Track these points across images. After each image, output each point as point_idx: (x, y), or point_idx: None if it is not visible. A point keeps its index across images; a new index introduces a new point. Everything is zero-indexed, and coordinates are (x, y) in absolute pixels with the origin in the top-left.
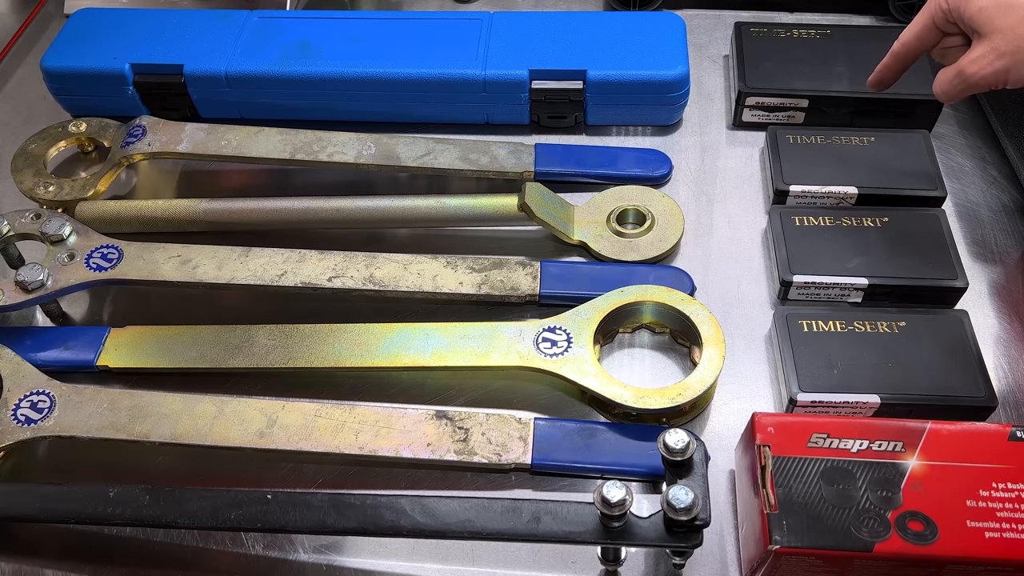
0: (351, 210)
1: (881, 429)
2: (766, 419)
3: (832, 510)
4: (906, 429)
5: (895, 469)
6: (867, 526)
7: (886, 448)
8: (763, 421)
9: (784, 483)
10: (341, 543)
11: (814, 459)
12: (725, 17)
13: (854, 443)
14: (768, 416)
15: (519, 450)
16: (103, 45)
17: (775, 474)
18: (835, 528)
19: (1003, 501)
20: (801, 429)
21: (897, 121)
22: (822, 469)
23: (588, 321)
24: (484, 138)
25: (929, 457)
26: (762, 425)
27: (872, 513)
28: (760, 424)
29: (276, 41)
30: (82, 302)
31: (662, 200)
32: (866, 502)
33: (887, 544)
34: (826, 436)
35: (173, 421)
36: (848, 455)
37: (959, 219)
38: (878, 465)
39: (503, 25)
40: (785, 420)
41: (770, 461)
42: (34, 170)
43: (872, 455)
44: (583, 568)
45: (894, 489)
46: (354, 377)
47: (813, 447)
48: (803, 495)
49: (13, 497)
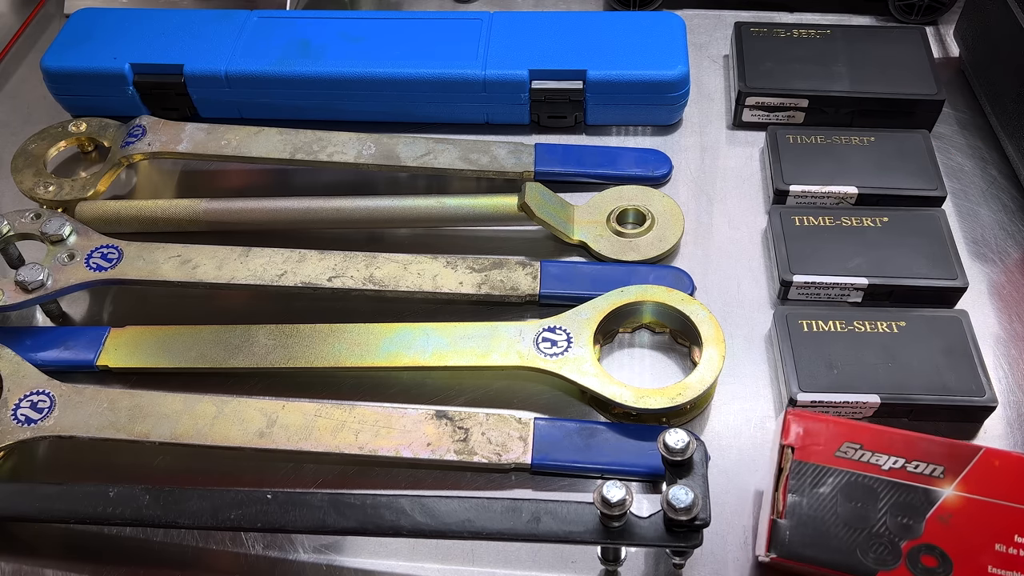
0: (351, 210)
1: (924, 447)
2: (798, 419)
3: (843, 528)
4: (954, 451)
5: (925, 496)
6: (875, 552)
7: (922, 471)
8: (794, 421)
9: (799, 490)
10: (341, 543)
11: (838, 471)
12: (725, 17)
13: (888, 459)
14: (801, 417)
15: (519, 450)
16: (103, 45)
17: (791, 479)
18: (840, 547)
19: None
20: (833, 435)
21: (897, 121)
22: (844, 482)
23: (588, 321)
24: (484, 138)
25: (969, 488)
26: (791, 425)
27: (885, 539)
28: (790, 423)
29: (276, 41)
30: (82, 302)
31: (662, 200)
32: (882, 526)
33: (892, 575)
34: (859, 447)
35: (173, 421)
36: (877, 471)
37: (959, 219)
38: (907, 488)
39: (503, 25)
40: (818, 424)
41: (789, 465)
42: (34, 170)
43: (904, 476)
44: (583, 568)
45: (917, 518)
46: (354, 377)
47: (841, 456)
48: (816, 507)
49: (13, 497)
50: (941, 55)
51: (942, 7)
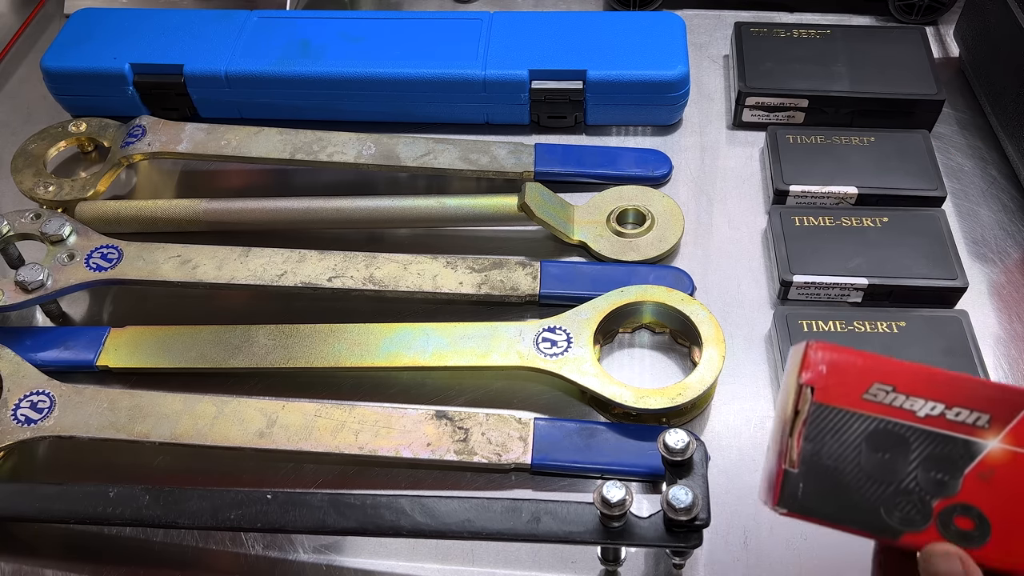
0: (351, 210)
1: (969, 391)
2: (822, 351)
3: (865, 482)
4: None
5: (966, 448)
6: (902, 510)
7: (965, 418)
8: (817, 353)
9: (817, 437)
10: (341, 543)
11: (864, 416)
12: (725, 17)
13: (925, 404)
14: (826, 349)
15: (519, 450)
16: (103, 45)
17: (809, 425)
18: (861, 504)
19: None
20: (862, 372)
21: (897, 121)
22: (871, 430)
23: (588, 321)
24: (484, 138)
25: (1018, 441)
26: (814, 359)
27: (915, 497)
28: (812, 356)
29: (276, 41)
30: (82, 302)
31: (662, 200)
32: (912, 482)
33: (919, 537)
34: (891, 389)
35: (173, 421)
36: (911, 418)
37: (959, 219)
38: (945, 439)
39: (503, 25)
40: (845, 359)
41: (807, 408)
42: (34, 170)
43: (943, 424)
44: (583, 568)
45: (955, 473)
46: (354, 377)
47: (870, 400)
48: (836, 457)
49: (13, 497)
50: (941, 55)
51: (942, 7)
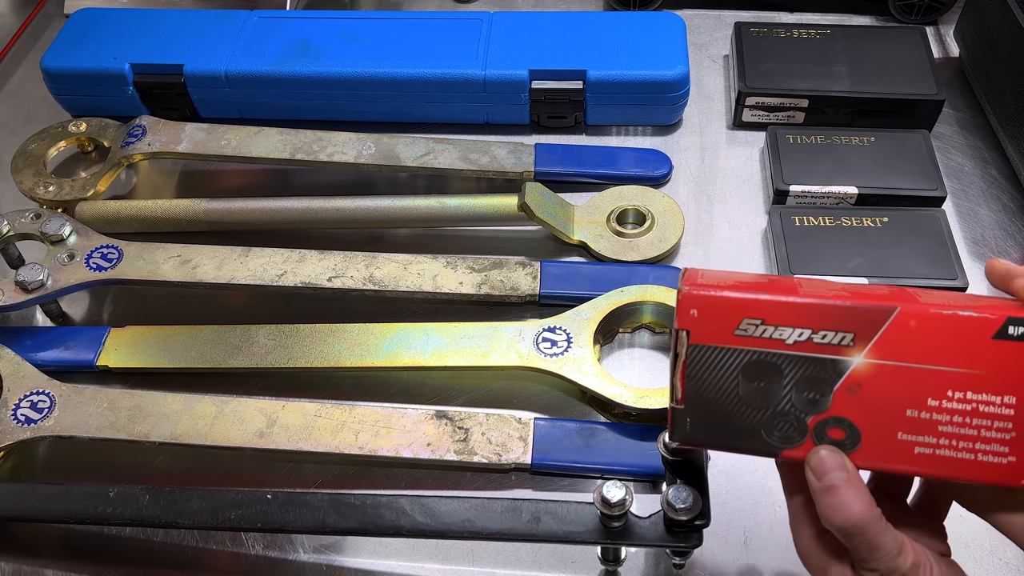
0: (351, 210)
1: (832, 315)
2: (693, 295)
3: (746, 410)
4: (866, 314)
5: (832, 367)
6: (780, 430)
7: (830, 340)
8: (688, 298)
9: (697, 376)
10: (341, 543)
11: (737, 350)
12: (725, 17)
13: (792, 332)
14: (696, 291)
15: (519, 450)
16: (103, 45)
17: (689, 365)
18: (743, 430)
19: (953, 413)
20: (731, 312)
21: (897, 121)
22: (745, 362)
23: (588, 321)
24: (484, 138)
25: (881, 354)
26: (686, 304)
27: (791, 417)
28: (685, 302)
29: (276, 41)
30: (82, 302)
31: (662, 200)
32: (787, 404)
33: (797, 451)
34: (760, 322)
35: (173, 421)
36: (781, 347)
37: (959, 219)
38: (813, 361)
39: (503, 25)
40: (714, 298)
41: (685, 350)
42: (34, 170)
43: (810, 348)
44: (583, 568)
45: (824, 391)
46: (354, 377)
47: (741, 335)
48: (717, 390)
49: (13, 497)
50: (941, 55)
51: (942, 7)
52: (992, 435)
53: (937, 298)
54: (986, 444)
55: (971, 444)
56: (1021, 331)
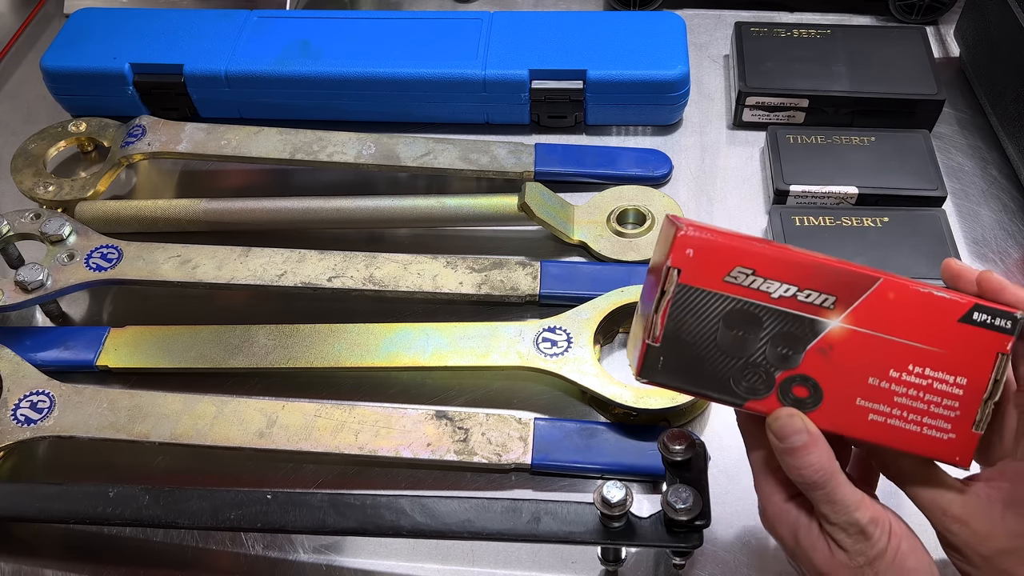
0: (351, 210)
1: (820, 275)
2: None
3: (719, 356)
4: (851, 279)
5: (810, 327)
6: (748, 381)
7: (814, 300)
8: (685, 238)
9: (679, 316)
10: (341, 543)
11: (724, 296)
12: (725, 17)
13: (779, 287)
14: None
15: (519, 450)
16: (103, 45)
17: (673, 304)
18: (712, 376)
19: (909, 387)
20: (725, 257)
21: (897, 121)
22: (729, 309)
23: (588, 321)
24: (484, 138)
25: (857, 321)
26: (682, 243)
27: (761, 369)
28: (680, 241)
29: (276, 41)
30: (82, 302)
31: (662, 200)
32: (760, 356)
33: (760, 403)
34: (751, 272)
35: (173, 421)
36: (766, 299)
37: (959, 219)
38: (793, 318)
39: (503, 25)
40: (711, 241)
41: (672, 289)
42: (34, 170)
43: (793, 305)
44: (583, 568)
45: (798, 348)
46: (354, 377)
47: (731, 282)
48: (694, 333)
49: (12, 497)
50: (941, 55)
51: (942, 7)
52: (939, 412)
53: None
54: (932, 419)
55: (919, 418)
56: (984, 318)
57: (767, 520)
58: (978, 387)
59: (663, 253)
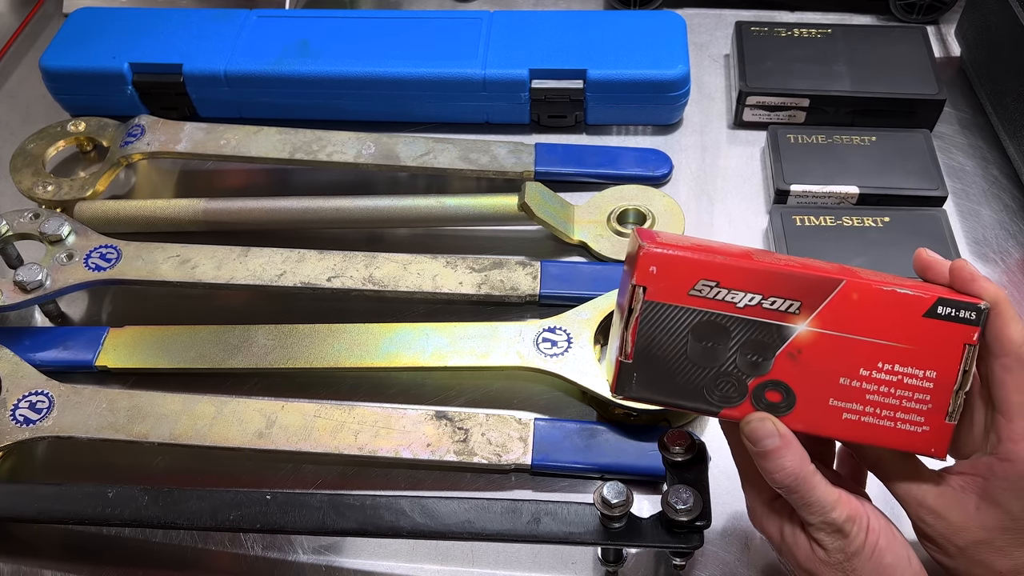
0: (351, 210)
1: (782, 283)
2: (655, 253)
3: (691, 368)
4: (814, 284)
5: (777, 333)
6: (721, 390)
7: (779, 307)
8: (649, 255)
9: (648, 332)
10: (341, 544)
11: (690, 309)
12: (726, 16)
13: (744, 296)
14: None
15: (519, 450)
16: (102, 44)
17: (642, 321)
18: (686, 387)
19: (880, 384)
20: (688, 272)
21: (898, 121)
22: (696, 322)
23: (588, 321)
24: (484, 138)
25: (823, 324)
26: (645, 261)
27: (733, 377)
28: (644, 259)
29: (275, 40)
30: (81, 302)
31: (662, 200)
32: (731, 365)
33: (735, 411)
34: (715, 284)
35: (172, 421)
36: (732, 309)
37: (960, 219)
38: (760, 326)
39: (503, 24)
40: (675, 258)
41: (639, 307)
42: (33, 170)
43: (759, 313)
44: (583, 569)
45: (767, 355)
46: (353, 377)
47: (696, 295)
48: (665, 347)
49: (12, 497)
50: (942, 54)
51: (943, 6)
52: (912, 406)
53: (880, 276)
54: (906, 414)
55: (892, 413)
56: (949, 311)
57: (754, 520)
58: (948, 379)
59: (630, 267)
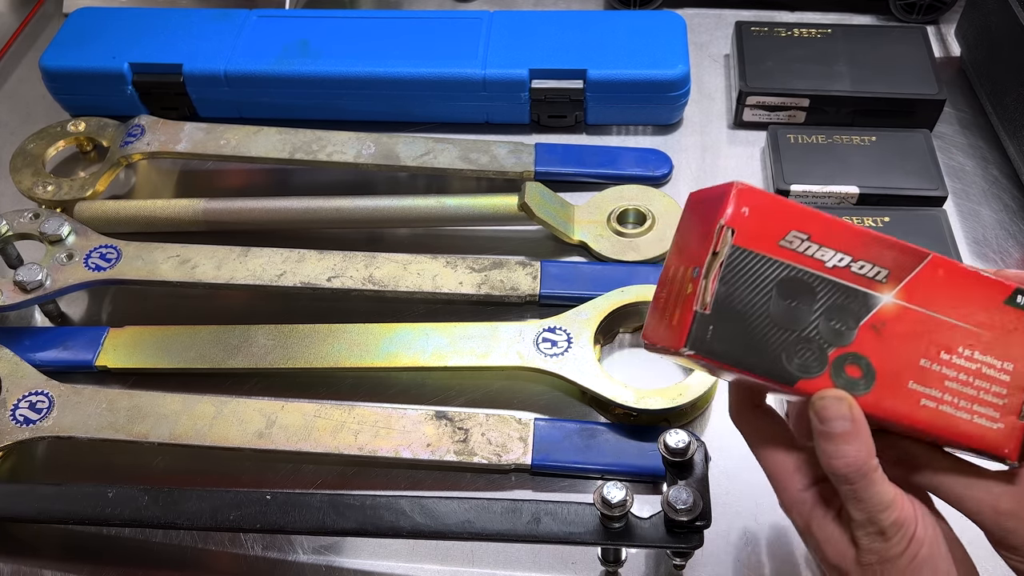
0: (351, 210)
1: (874, 246)
2: (750, 191)
3: (771, 329)
4: (903, 254)
5: (864, 300)
6: (801, 357)
7: (867, 272)
8: (744, 193)
9: (731, 280)
10: (340, 544)
11: (778, 262)
12: (726, 16)
13: (834, 255)
14: (750, 193)
15: (519, 450)
16: (102, 44)
17: (725, 268)
18: (764, 350)
19: (959, 371)
20: (781, 220)
21: (898, 120)
22: (782, 277)
23: (588, 321)
24: (484, 138)
25: (909, 297)
26: (740, 200)
27: (815, 344)
28: (739, 197)
29: (275, 40)
30: (81, 302)
31: (663, 200)
32: (813, 330)
33: (812, 383)
34: (806, 238)
35: (172, 421)
36: (820, 268)
37: (960, 219)
38: (847, 290)
39: (503, 24)
40: (770, 200)
41: (726, 251)
42: (33, 170)
43: (847, 276)
44: (583, 569)
45: (851, 324)
46: (353, 377)
47: (785, 247)
48: (747, 302)
49: (12, 498)
50: (942, 54)
51: (943, 6)
52: (988, 399)
53: None
54: (982, 407)
55: (970, 405)
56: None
57: (782, 506)
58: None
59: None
